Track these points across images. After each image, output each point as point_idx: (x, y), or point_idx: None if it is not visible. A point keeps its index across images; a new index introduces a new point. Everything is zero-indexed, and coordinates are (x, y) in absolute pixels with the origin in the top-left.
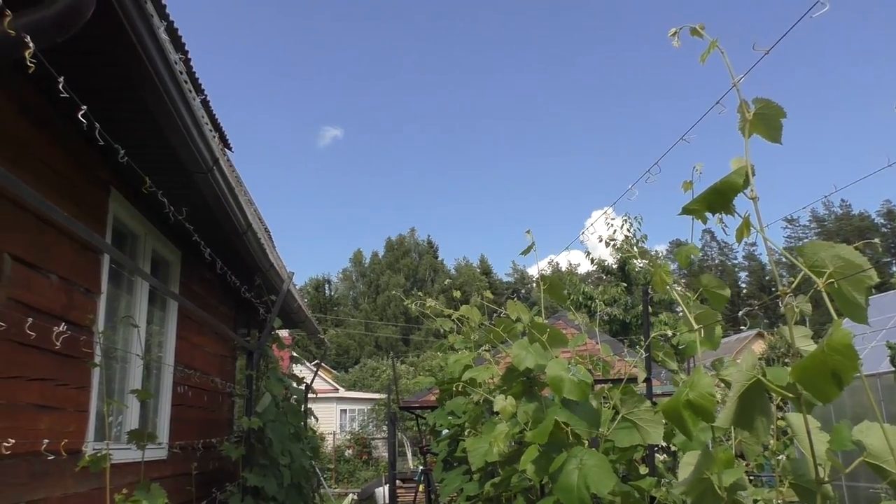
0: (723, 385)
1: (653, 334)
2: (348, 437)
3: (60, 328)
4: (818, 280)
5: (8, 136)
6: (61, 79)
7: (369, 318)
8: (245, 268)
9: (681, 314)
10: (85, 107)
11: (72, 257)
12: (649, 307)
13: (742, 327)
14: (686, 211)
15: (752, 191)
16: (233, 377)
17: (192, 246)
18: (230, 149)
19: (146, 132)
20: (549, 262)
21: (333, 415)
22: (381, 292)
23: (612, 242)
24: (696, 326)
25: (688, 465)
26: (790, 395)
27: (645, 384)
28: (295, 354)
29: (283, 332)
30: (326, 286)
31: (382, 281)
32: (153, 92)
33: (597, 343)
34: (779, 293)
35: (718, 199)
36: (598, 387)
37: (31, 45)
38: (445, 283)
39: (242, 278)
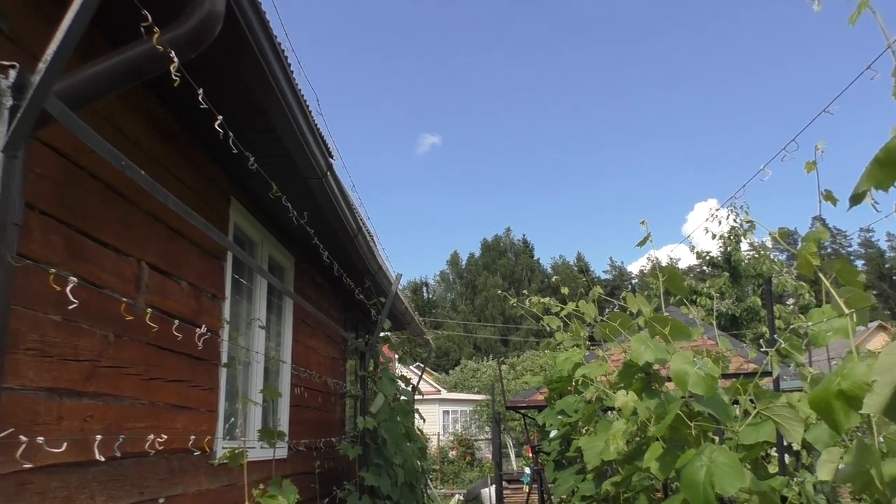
0: None
1: (788, 327)
2: (451, 438)
3: (202, 329)
4: None
5: (143, 152)
6: (200, 91)
7: (467, 320)
8: (355, 271)
9: (791, 307)
10: (221, 117)
11: (199, 265)
12: (762, 300)
13: None
14: (856, 199)
15: None
16: (343, 379)
17: (303, 252)
18: (332, 158)
19: (264, 142)
20: (647, 258)
21: (436, 416)
22: (478, 293)
23: (744, 210)
24: (846, 311)
25: (827, 462)
26: None
27: (772, 379)
28: (399, 355)
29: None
30: (424, 289)
31: (479, 282)
32: (272, 100)
33: (708, 338)
34: None
35: (887, 172)
36: (721, 382)
37: (175, 59)
38: (553, 279)
39: (353, 281)
